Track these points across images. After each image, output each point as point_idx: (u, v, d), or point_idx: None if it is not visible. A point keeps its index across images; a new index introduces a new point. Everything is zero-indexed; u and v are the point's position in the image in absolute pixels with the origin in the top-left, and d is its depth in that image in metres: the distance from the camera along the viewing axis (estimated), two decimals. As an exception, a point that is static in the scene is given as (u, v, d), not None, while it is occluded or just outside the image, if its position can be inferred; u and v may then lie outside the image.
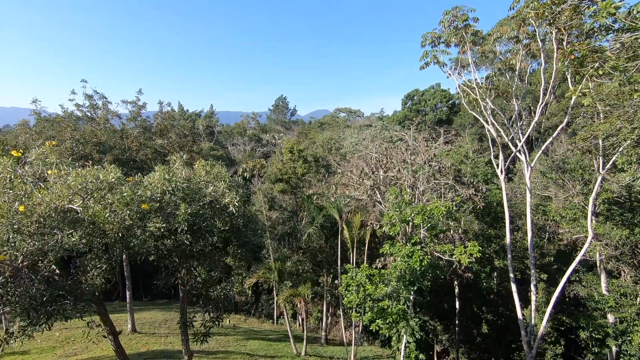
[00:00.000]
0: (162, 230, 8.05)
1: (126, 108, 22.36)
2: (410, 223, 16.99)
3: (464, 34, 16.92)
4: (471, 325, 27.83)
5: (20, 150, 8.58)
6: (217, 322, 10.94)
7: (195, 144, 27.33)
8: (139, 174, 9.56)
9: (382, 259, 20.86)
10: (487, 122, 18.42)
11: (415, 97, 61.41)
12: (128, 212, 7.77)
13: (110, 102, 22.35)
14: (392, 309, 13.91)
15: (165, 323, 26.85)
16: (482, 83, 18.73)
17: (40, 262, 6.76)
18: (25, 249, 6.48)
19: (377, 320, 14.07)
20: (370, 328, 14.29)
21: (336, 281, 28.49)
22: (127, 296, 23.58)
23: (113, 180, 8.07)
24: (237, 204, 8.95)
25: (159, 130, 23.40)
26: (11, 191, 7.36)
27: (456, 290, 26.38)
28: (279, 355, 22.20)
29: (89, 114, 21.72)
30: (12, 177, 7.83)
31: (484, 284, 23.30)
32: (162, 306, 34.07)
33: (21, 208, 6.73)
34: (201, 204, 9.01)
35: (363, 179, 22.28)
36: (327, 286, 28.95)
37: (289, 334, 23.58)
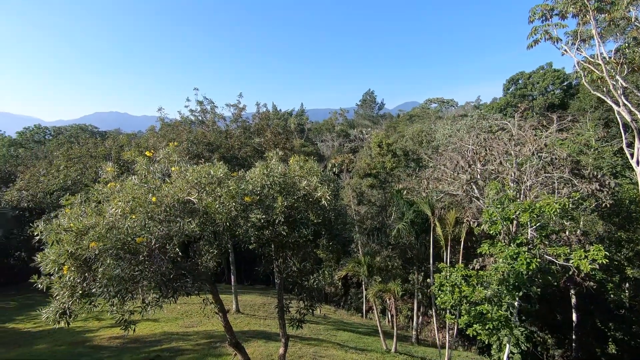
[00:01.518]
0: (262, 221, 8.75)
1: (229, 111, 24.88)
2: (515, 221, 15.31)
3: (585, 1, 14.40)
4: (593, 343, 23.88)
5: (152, 151, 10.23)
6: (310, 311, 11.50)
7: (288, 142, 28.98)
8: (242, 169, 10.55)
9: (480, 259, 19.26)
10: (617, 104, 15.42)
11: (520, 81, 54.71)
12: (234, 204, 8.64)
13: (216, 107, 25.17)
14: (492, 314, 12.76)
15: (263, 307, 29.27)
16: (609, 57, 15.72)
17: (167, 245, 8.01)
18: (157, 233, 7.75)
19: (475, 325, 13.06)
20: (467, 332, 13.35)
21: (428, 280, 27.31)
22: (232, 280, 26.41)
23: (221, 175, 9.06)
24: (329, 198, 9.24)
25: (257, 129, 25.44)
26: (146, 185, 8.84)
27: (573, 300, 22.90)
28: (368, 349, 22.32)
29: (200, 118, 24.79)
30: (146, 173, 9.42)
31: (612, 295, 19.73)
32: (260, 291, 37.20)
33: (153, 199, 8.05)
34: (296, 197, 9.54)
35: (458, 173, 20.81)
36: (418, 284, 27.96)
37: (379, 329, 23.49)
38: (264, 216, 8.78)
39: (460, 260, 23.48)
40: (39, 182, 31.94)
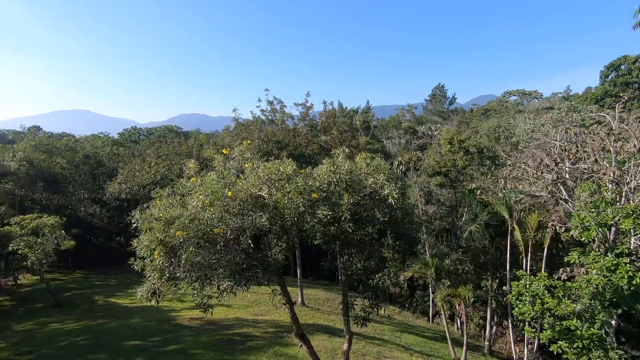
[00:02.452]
0: (328, 217, 8.88)
1: (297, 110, 25.66)
2: (613, 228, 13.37)
3: None
4: None
5: (228, 149, 11.01)
6: (375, 309, 11.39)
7: (353, 139, 28.95)
8: (309, 166, 10.81)
9: (568, 269, 17.20)
10: None
11: (622, 67, 47.38)
12: (301, 199, 8.90)
13: (285, 106, 26.13)
14: (582, 332, 11.34)
15: (327, 302, 29.77)
16: None
17: (241, 236, 8.58)
18: (232, 225, 8.34)
19: (561, 342, 11.71)
20: (550, 349, 12.04)
21: (504, 287, 25.20)
22: (298, 273, 27.30)
23: (290, 172, 9.39)
24: (396, 196, 9.03)
25: (323, 127, 25.85)
26: (222, 180, 9.55)
27: (691, 324, 19.29)
28: (435, 355, 21.39)
29: (270, 117, 25.99)
30: (223, 169, 10.16)
31: None
32: (324, 286, 37.87)
33: (229, 193, 8.66)
34: (362, 194, 9.50)
35: (542, 172, 18.79)
36: (492, 291, 25.96)
37: (447, 335, 22.37)
38: (330, 213, 8.90)
39: (542, 269, 21.20)
40: (135, 177, 36.42)
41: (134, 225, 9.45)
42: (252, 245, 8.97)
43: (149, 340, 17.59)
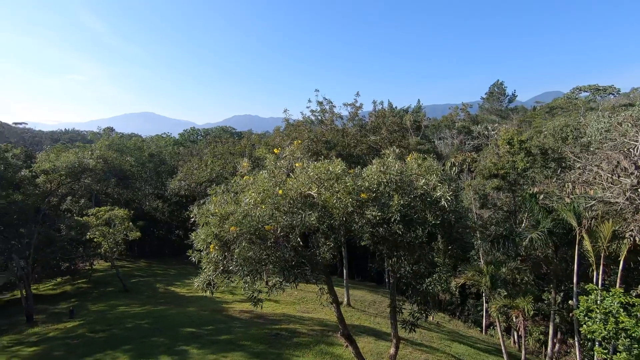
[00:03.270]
0: (377, 218, 8.76)
1: (346, 110, 25.64)
2: None
3: None
4: None
5: (279, 149, 11.32)
6: (423, 315, 11.03)
7: (404, 139, 28.28)
8: (358, 166, 10.74)
9: (650, 285, 15.25)
10: None
11: None
12: (350, 199, 8.88)
13: (334, 106, 26.24)
14: (667, 358, 9.99)
15: (373, 304, 29.37)
16: None
17: (290, 234, 8.79)
18: (282, 222, 8.57)
19: (639, 367, 10.44)
20: (627, 374, 10.76)
21: (570, 302, 23.00)
22: (344, 274, 27.28)
23: (339, 172, 9.41)
24: (449, 198, 8.65)
25: (372, 127, 25.57)
26: (273, 179, 9.84)
27: None
28: (488, 369, 20.17)
29: (319, 118, 26.27)
30: (274, 168, 10.47)
31: None
32: (371, 288, 37.42)
33: (280, 192, 8.90)
34: (412, 196, 9.24)
35: (619, 176, 16.86)
36: (555, 305, 23.84)
37: (502, 348, 20.97)
38: (379, 213, 8.77)
39: (617, 284, 19.01)
40: (192, 175, 38.86)
41: (192, 219, 10.09)
42: (301, 243, 9.14)
43: (203, 329, 18.66)
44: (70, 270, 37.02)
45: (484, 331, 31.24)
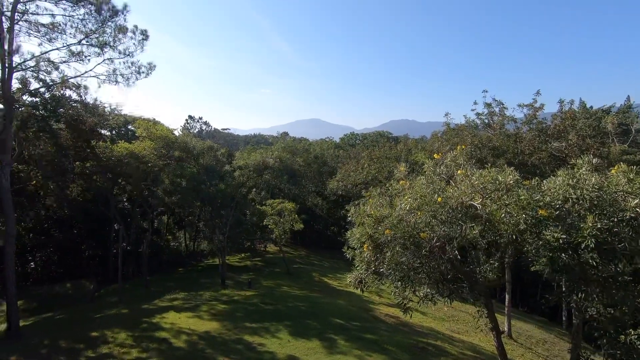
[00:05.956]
0: (560, 241, 7.24)
1: (522, 112, 22.22)
2: None
3: None
4: None
5: (440, 154, 10.78)
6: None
7: (602, 146, 22.46)
8: (535, 178, 9.14)
9: None
10: None
11: None
12: (523, 215, 7.65)
13: (506, 108, 23.11)
14: None
15: (543, 344, 24.47)
16: None
17: (447, 245, 8.22)
18: (438, 232, 8.12)
19: None
20: None
21: None
22: (506, 299, 23.72)
23: (511, 182, 8.24)
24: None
25: (556, 132, 21.31)
26: (431, 185, 9.43)
27: None
28: None
29: (486, 121, 23.66)
30: (432, 174, 10.03)
31: None
32: (540, 323, 31.33)
33: (439, 199, 8.46)
34: (616, 219, 7.19)
35: None
36: None
37: None
38: (563, 236, 7.23)
39: None
40: (349, 176, 41.38)
41: (348, 218, 10.72)
42: (458, 256, 8.44)
43: (351, 323, 19.61)
44: (250, 248, 45.50)
45: None
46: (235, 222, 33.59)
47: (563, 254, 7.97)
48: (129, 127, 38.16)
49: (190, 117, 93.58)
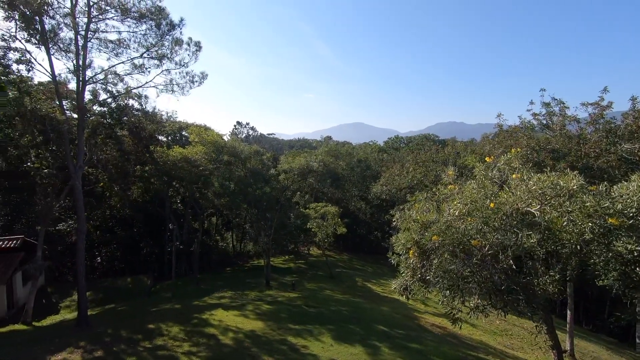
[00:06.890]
0: (635, 253, 6.51)
1: (586, 111, 20.35)
2: None
3: None
4: None
5: (492, 157, 10.19)
6: None
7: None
8: (603, 183, 8.31)
9: None
10: None
11: None
12: (590, 224, 6.99)
13: (567, 107, 21.31)
14: None
15: (612, 367, 22.08)
16: None
17: (500, 254, 7.72)
18: (491, 240, 7.65)
19: None
20: None
21: None
22: (568, 316, 21.74)
23: (574, 187, 7.58)
24: None
25: (628, 132, 19.24)
26: (483, 190, 8.94)
27: None
28: None
29: (544, 122, 22.00)
30: (484, 178, 9.51)
31: None
32: (608, 344, 28.30)
33: (491, 205, 7.99)
34: None
35: None
36: None
37: None
38: (638, 248, 6.50)
39: None
40: (394, 180, 40.54)
41: (393, 223, 10.48)
42: (514, 266, 7.88)
43: (395, 331, 19.10)
44: (294, 251, 46.17)
45: None
46: (279, 225, 34.33)
47: (637, 268, 7.17)
48: (183, 132, 40.71)
49: (238, 122, 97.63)
